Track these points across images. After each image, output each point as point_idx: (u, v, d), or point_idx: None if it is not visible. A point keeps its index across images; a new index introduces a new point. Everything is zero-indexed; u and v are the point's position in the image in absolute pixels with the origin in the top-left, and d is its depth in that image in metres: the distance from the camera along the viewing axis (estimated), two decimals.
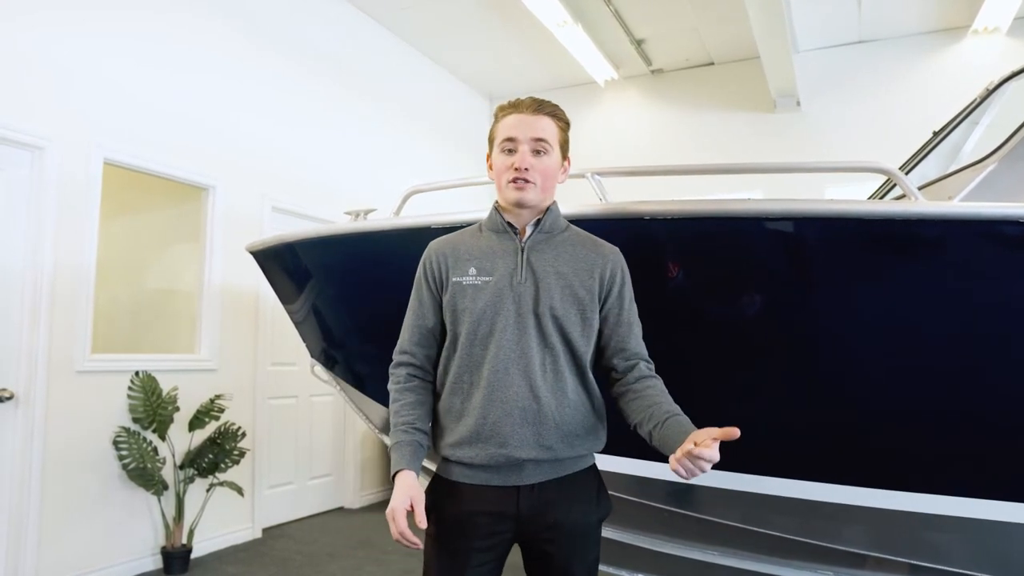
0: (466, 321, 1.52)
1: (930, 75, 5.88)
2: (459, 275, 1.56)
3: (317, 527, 4.85)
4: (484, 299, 1.52)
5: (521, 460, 1.48)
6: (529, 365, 1.49)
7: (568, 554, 1.52)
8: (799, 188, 5.85)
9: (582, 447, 1.55)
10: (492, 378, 1.49)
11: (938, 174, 2.89)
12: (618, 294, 1.60)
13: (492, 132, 1.63)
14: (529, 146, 1.55)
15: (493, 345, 1.50)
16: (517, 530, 1.51)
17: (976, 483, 1.90)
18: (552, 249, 1.59)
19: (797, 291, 1.92)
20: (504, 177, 1.56)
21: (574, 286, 1.55)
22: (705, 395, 2.08)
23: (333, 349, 2.87)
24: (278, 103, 4.86)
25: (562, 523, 1.51)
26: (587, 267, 1.58)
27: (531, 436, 1.48)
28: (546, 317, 1.51)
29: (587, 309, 1.55)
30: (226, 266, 4.39)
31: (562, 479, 1.53)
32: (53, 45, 3.50)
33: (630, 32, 6.09)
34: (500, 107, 1.62)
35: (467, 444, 1.50)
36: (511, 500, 1.49)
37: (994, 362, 1.81)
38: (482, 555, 1.49)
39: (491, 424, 1.48)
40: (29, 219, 3.39)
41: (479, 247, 1.60)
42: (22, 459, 3.31)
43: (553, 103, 1.61)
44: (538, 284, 1.53)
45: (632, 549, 2.34)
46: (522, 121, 1.56)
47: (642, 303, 1.68)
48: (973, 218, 1.72)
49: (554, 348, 1.52)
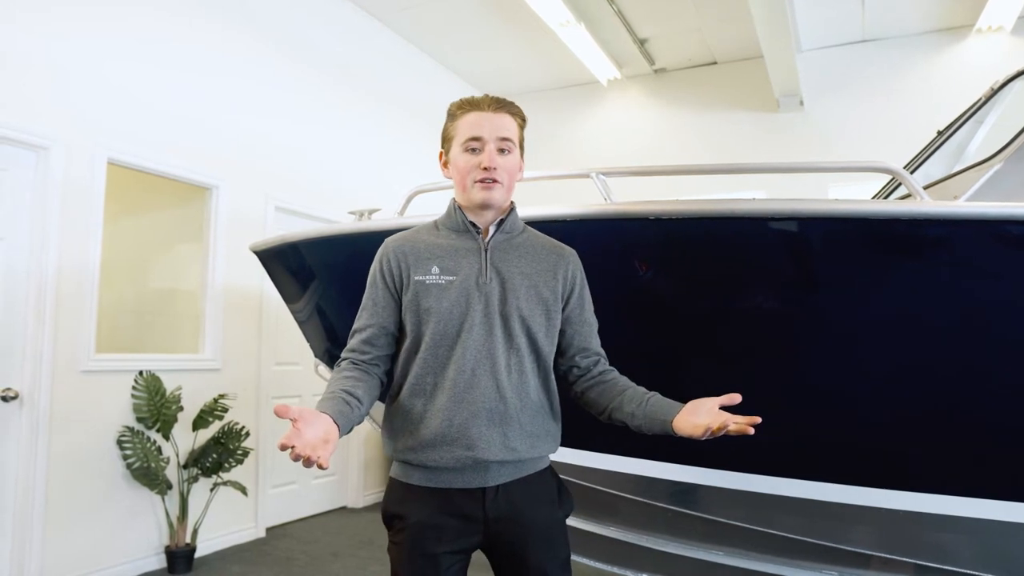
0: (431, 321, 1.48)
1: (934, 74, 5.86)
2: (421, 274, 1.51)
3: (320, 527, 4.86)
4: (450, 299, 1.49)
5: (488, 462, 1.46)
6: (496, 366, 1.47)
7: (542, 555, 1.50)
8: (803, 188, 5.84)
9: (543, 448, 1.54)
10: (458, 379, 1.46)
11: (943, 174, 2.88)
12: (579, 295, 1.61)
13: (449, 130, 1.58)
14: (495, 145, 1.51)
15: (459, 346, 1.47)
16: (484, 532, 1.48)
17: (982, 483, 1.90)
18: (514, 249, 1.57)
19: (801, 291, 1.92)
20: (470, 177, 1.52)
21: (539, 287, 1.54)
22: (709, 395, 2.08)
23: (336, 349, 2.86)
24: (281, 103, 4.86)
25: (531, 524, 1.50)
26: (550, 268, 1.57)
27: (498, 438, 1.46)
28: (513, 318, 1.49)
29: (551, 310, 1.55)
30: (230, 266, 4.39)
31: (524, 480, 1.52)
32: (57, 46, 3.50)
33: (633, 32, 6.08)
34: (457, 105, 1.57)
35: (430, 447, 1.45)
36: (477, 502, 1.47)
37: (1000, 362, 1.80)
38: (451, 557, 1.47)
39: (457, 426, 1.44)
40: (33, 219, 3.40)
41: (440, 246, 1.56)
42: (27, 459, 3.31)
43: (510, 100, 1.58)
44: (504, 284, 1.51)
45: (636, 549, 2.34)
46: (486, 119, 1.52)
47: (645, 303, 1.67)
48: (978, 218, 1.72)
49: (519, 349, 1.50)
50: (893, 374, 1.89)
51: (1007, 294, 1.75)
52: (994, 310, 1.77)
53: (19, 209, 3.36)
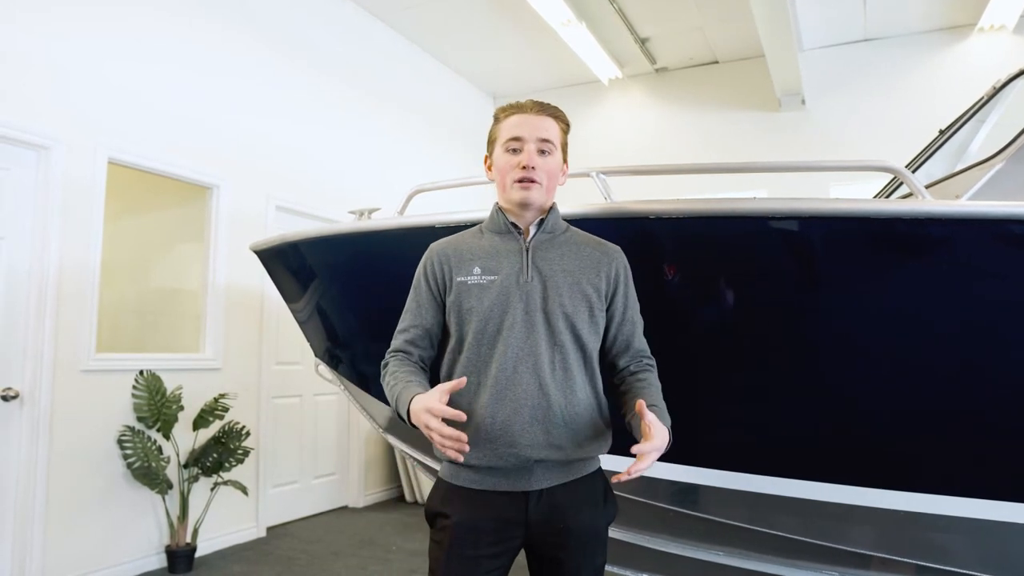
0: (473, 320, 1.51)
1: (936, 73, 5.85)
2: (463, 275, 1.55)
3: (321, 526, 4.86)
4: (490, 298, 1.51)
5: (531, 461, 1.45)
6: (538, 362, 1.47)
7: (578, 559, 1.50)
8: (804, 187, 5.83)
9: (591, 448, 1.53)
10: (500, 376, 1.47)
11: (944, 173, 2.87)
12: (624, 292, 1.60)
13: (493, 133, 1.62)
14: (535, 146, 1.54)
15: (501, 344, 1.48)
16: (526, 535, 1.49)
17: (983, 483, 1.89)
18: (556, 248, 1.58)
19: (802, 290, 1.91)
20: (510, 177, 1.55)
21: (582, 283, 1.54)
22: (711, 395, 2.08)
23: (337, 348, 2.87)
24: (282, 102, 4.86)
25: (572, 528, 1.49)
26: (593, 265, 1.57)
27: (541, 435, 1.45)
28: (556, 315, 1.50)
29: (595, 307, 1.54)
30: (230, 265, 4.40)
31: (569, 483, 1.51)
32: (57, 45, 3.50)
33: (634, 31, 6.08)
34: (501, 108, 1.61)
35: (474, 446, 1.44)
36: (520, 506, 1.47)
37: (1001, 361, 1.80)
38: (491, 562, 1.47)
39: (500, 423, 1.45)
40: (34, 219, 3.40)
41: (482, 247, 1.59)
42: (28, 458, 3.32)
43: (555, 105, 1.61)
44: (546, 282, 1.52)
45: (637, 549, 2.34)
46: (527, 121, 1.56)
47: (647, 303, 1.67)
48: (980, 217, 1.71)
49: (563, 346, 1.50)
50: (893, 373, 1.88)
51: (1008, 293, 1.75)
52: (995, 309, 1.77)
53: (20, 209, 3.36)
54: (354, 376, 2.86)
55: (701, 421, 2.03)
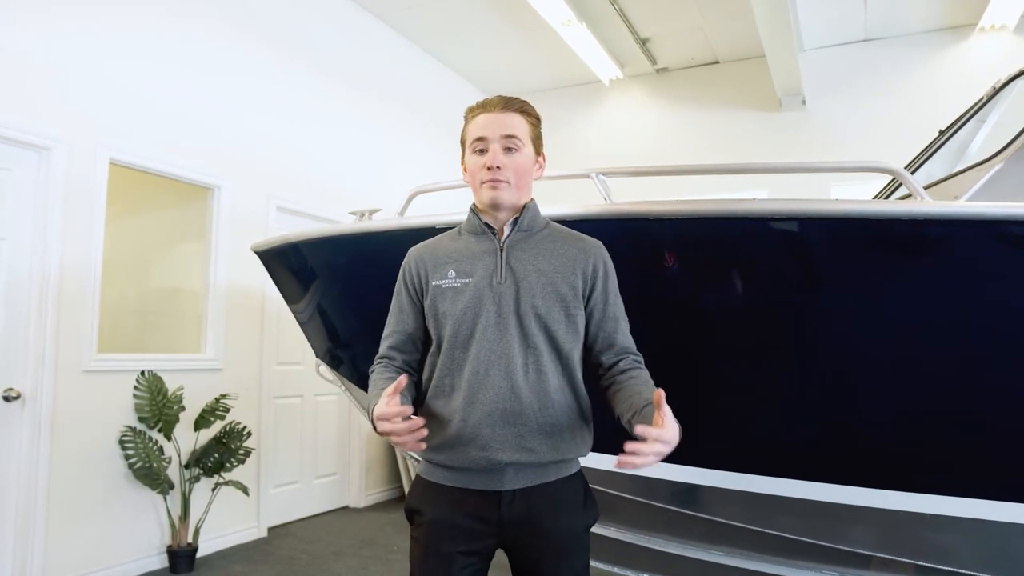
0: (447, 324, 1.50)
1: (936, 73, 5.85)
2: (438, 278, 1.54)
3: (322, 526, 4.86)
4: (463, 301, 1.50)
5: (502, 463, 1.44)
6: (510, 365, 1.46)
7: (556, 563, 1.48)
8: (804, 187, 5.84)
9: (567, 450, 1.50)
10: (472, 380, 1.46)
11: (944, 173, 2.87)
12: (602, 289, 1.56)
13: (463, 135, 1.61)
14: (500, 144, 1.52)
15: (474, 346, 1.48)
16: (500, 535, 1.48)
17: (982, 484, 1.89)
18: (532, 247, 1.56)
19: (802, 291, 1.92)
20: (478, 178, 1.54)
21: (556, 283, 1.52)
22: (711, 395, 2.08)
23: (338, 349, 2.87)
24: (283, 103, 4.87)
25: (549, 531, 1.48)
26: (569, 263, 1.55)
27: (512, 437, 1.44)
28: (528, 316, 1.48)
29: (571, 306, 1.52)
30: (231, 266, 4.40)
31: (547, 485, 1.49)
32: (58, 45, 3.51)
33: (635, 31, 6.08)
34: (469, 108, 1.59)
35: (448, 447, 1.46)
36: (494, 505, 1.46)
37: (1001, 362, 1.80)
38: (465, 558, 1.46)
39: (472, 426, 1.45)
40: (36, 219, 3.41)
41: (458, 250, 1.58)
42: (29, 458, 3.32)
43: (522, 99, 1.58)
44: (519, 284, 1.50)
45: (637, 549, 2.34)
46: (491, 120, 1.54)
47: (647, 303, 1.67)
48: (979, 218, 1.71)
49: (537, 348, 1.48)
50: (893, 374, 1.88)
51: (1008, 294, 1.75)
52: (995, 310, 1.77)
53: (21, 209, 3.37)
54: (355, 376, 2.87)
55: (702, 421, 2.03)
